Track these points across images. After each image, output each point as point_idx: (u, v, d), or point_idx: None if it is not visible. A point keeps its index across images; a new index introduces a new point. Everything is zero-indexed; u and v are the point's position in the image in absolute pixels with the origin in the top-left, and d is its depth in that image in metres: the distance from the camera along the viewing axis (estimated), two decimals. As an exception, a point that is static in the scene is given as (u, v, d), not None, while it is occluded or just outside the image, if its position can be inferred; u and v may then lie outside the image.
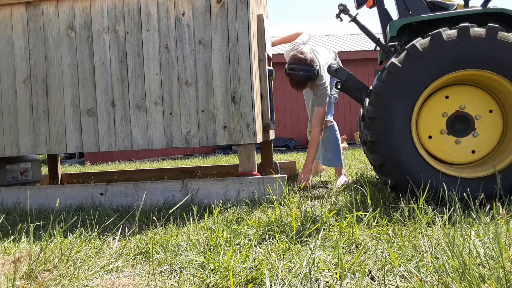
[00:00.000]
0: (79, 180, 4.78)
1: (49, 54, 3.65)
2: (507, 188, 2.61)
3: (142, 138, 3.55)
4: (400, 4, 3.10)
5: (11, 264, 1.86)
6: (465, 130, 2.79)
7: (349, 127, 12.11)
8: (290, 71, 3.80)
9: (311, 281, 1.60)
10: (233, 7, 3.42)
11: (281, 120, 12.53)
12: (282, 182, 3.22)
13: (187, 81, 3.49)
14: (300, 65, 3.75)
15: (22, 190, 3.57)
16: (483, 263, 1.57)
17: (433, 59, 2.62)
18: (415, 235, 2.04)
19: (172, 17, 3.50)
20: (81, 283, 1.67)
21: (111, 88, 3.58)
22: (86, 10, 3.59)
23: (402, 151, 2.66)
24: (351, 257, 1.85)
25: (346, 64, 11.64)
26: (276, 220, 2.37)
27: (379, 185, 3.51)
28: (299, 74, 3.76)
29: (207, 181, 3.35)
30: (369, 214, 2.28)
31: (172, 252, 2.00)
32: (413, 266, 1.63)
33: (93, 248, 2.12)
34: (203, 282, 1.66)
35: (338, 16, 3.58)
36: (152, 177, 4.68)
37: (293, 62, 3.79)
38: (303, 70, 3.75)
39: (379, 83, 2.71)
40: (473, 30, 2.59)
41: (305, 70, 3.75)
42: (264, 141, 4.28)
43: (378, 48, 3.51)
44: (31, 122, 3.67)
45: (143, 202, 2.73)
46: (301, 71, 3.75)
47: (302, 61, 3.75)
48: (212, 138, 3.47)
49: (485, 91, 2.80)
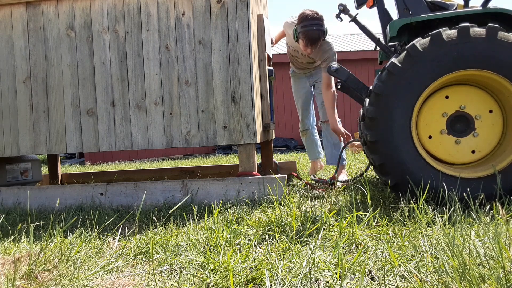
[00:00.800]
0: (79, 180, 4.78)
1: (49, 54, 3.65)
2: (507, 188, 2.61)
3: (142, 138, 3.55)
4: (400, 4, 3.10)
5: (11, 264, 1.85)
6: (465, 130, 2.79)
7: (349, 127, 12.10)
8: (304, 28, 3.79)
9: (311, 281, 1.60)
10: (233, 7, 3.42)
11: (281, 120, 12.53)
12: (282, 182, 3.22)
13: (187, 81, 3.49)
14: (312, 20, 3.78)
15: (22, 190, 3.57)
16: (483, 263, 1.57)
17: (433, 59, 2.62)
18: (415, 235, 2.04)
19: (172, 17, 3.50)
20: (81, 283, 1.67)
21: (111, 88, 3.58)
22: (86, 10, 3.59)
23: (402, 151, 2.66)
24: (351, 257, 1.85)
25: (346, 64, 11.66)
26: (276, 220, 2.37)
27: (379, 185, 3.51)
28: (314, 29, 3.77)
29: (207, 181, 3.35)
30: (369, 214, 2.28)
31: (172, 252, 2.00)
32: (413, 266, 1.63)
33: (93, 248, 2.12)
34: (203, 282, 1.66)
35: (338, 16, 3.58)
36: (152, 177, 4.68)
37: (304, 19, 3.81)
38: (316, 25, 3.78)
39: (379, 83, 2.71)
40: (473, 30, 2.59)
41: (318, 25, 3.78)
42: (264, 141, 4.28)
43: (378, 48, 3.51)
44: (31, 122, 3.67)
45: (143, 202, 2.73)
46: (315, 26, 3.77)
47: (314, 17, 3.79)
48: (212, 138, 3.47)
49: (485, 91, 2.80)
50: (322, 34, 3.80)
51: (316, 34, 3.77)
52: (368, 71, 12.76)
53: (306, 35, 3.78)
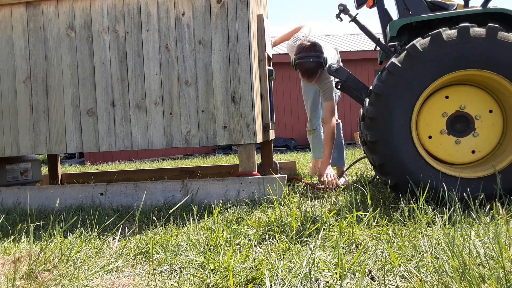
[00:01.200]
0: (79, 180, 4.78)
1: (49, 54, 3.65)
2: (507, 188, 2.61)
3: (142, 138, 3.55)
4: (400, 4, 3.10)
5: (11, 264, 1.86)
6: (465, 130, 2.79)
7: (349, 127, 12.10)
8: (300, 60, 3.73)
9: (311, 281, 1.60)
10: (233, 7, 3.42)
11: (281, 120, 12.53)
12: (282, 182, 3.22)
13: (187, 81, 3.49)
14: (310, 52, 3.71)
15: (22, 190, 3.57)
16: (483, 263, 1.57)
17: (433, 59, 2.62)
18: (415, 235, 2.04)
19: (172, 17, 3.50)
20: (81, 283, 1.67)
21: (111, 88, 3.58)
22: (86, 10, 3.59)
23: (402, 151, 2.66)
24: (351, 257, 1.85)
25: (346, 64, 11.64)
26: (276, 220, 2.37)
27: (379, 185, 3.51)
28: (310, 61, 3.70)
29: (207, 181, 3.35)
30: (369, 214, 2.28)
31: (172, 252, 2.00)
32: (413, 266, 1.63)
33: (93, 248, 2.12)
34: (203, 282, 1.66)
35: (338, 16, 3.58)
36: (152, 177, 4.68)
37: (302, 50, 3.74)
38: (313, 57, 3.70)
39: (379, 83, 2.71)
40: (473, 30, 2.59)
41: (315, 57, 3.70)
42: (264, 141, 4.28)
43: (378, 48, 3.51)
44: (31, 122, 3.67)
45: (143, 202, 2.73)
46: (312, 58, 3.69)
47: (311, 48, 3.72)
48: (212, 138, 3.47)
49: (485, 91, 2.80)
50: (320, 66, 3.72)
51: (313, 66, 3.70)
52: (368, 71, 12.76)
53: (303, 67, 3.73)
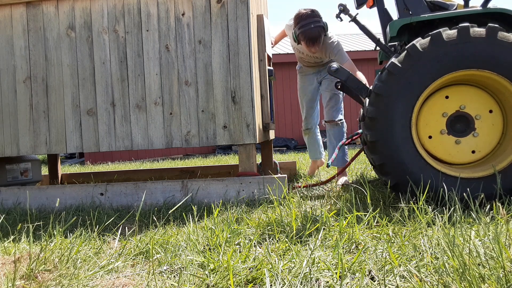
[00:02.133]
0: (79, 180, 4.78)
1: (49, 54, 3.65)
2: (507, 188, 2.61)
3: (142, 138, 3.55)
4: (400, 4, 3.10)
5: (11, 264, 1.86)
6: (465, 130, 2.79)
7: (349, 127, 12.09)
8: (302, 29, 3.70)
9: (311, 281, 1.60)
10: (233, 7, 3.42)
11: (281, 120, 12.53)
12: (282, 182, 3.22)
13: (187, 81, 3.49)
14: (308, 18, 3.70)
15: (22, 190, 3.57)
16: (483, 263, 1.57)
17: (433, 59, 2.62)
18: (415, 235, 2.04)
19: (172, 17, 3.50)
20: (81, 283, 1.67)
21: (111, 88, 3.58)
22: (86, 10, 3.59)
23: (402, 151, 2.66)
24: (351, 257, 1.85)
25: (346, 64, 11.63)
26: (276, 220, 2.37)
27: (379, 185, 3.51)
28: (312, 27, 3.68)
29: (207, 181, 3.35)
30: (369, 214, 2.28)
31: (172, 252, 2.00)
32: (413, 266, 1.63)
33: (93, 248, 2.12)
34: (203, 282, 1.66)
35: (338, 16, 3.58)
36: (152, 177, 4.68)
37: (301, 19, 3.73)
38: (314, 22, 3.68)
39: (379, 83, 2.71)
40: (473, 30, 2.59)
41: (316, 22, 3.69)
42: (264, 141, 4.28)
43: (378, 48, 3.50)
44: (31, 122, 3.67)
45: (143, 202, 2.73)
46: (312, 24, 3.68)
47: (310, 15, 3.71)
48: (212, 138, 3.47)
49: (485, 91, 2.80)
50: (322, 30, 3.71)
51: (316, 31, 3.69)
52: (368, 71, 12.75)
53: (306, 35, 3.70)
